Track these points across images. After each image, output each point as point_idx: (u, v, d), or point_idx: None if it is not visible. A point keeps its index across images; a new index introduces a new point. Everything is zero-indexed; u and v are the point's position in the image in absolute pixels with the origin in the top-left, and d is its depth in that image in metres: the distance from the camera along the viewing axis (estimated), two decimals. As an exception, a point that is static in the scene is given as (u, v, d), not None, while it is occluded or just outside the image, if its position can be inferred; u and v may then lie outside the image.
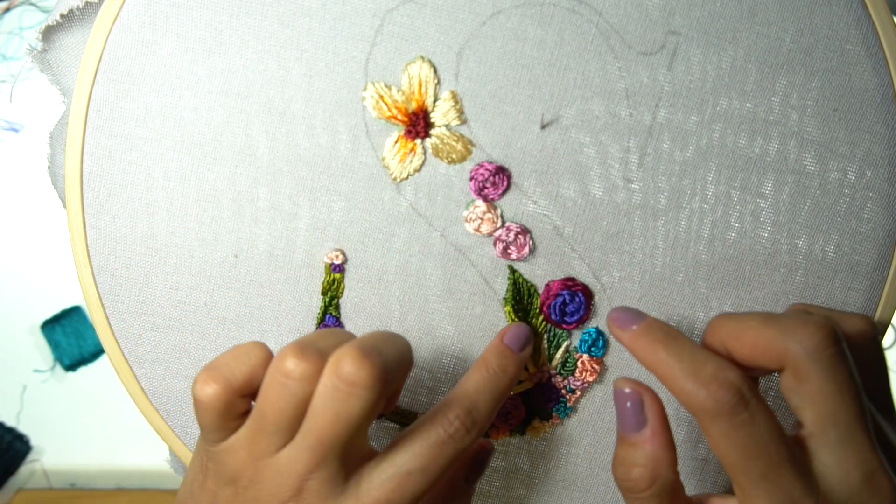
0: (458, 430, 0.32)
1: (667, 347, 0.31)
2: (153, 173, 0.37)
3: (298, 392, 0.31)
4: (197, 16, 0.36)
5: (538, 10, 0.36)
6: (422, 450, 0.32)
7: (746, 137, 0.37)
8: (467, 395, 0.34)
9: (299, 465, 0.31)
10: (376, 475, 0.32)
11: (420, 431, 0.32)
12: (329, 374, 0.30)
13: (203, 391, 0.31)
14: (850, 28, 0.36)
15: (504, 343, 0.36)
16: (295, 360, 0.31)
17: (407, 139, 0.37)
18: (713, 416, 0.30)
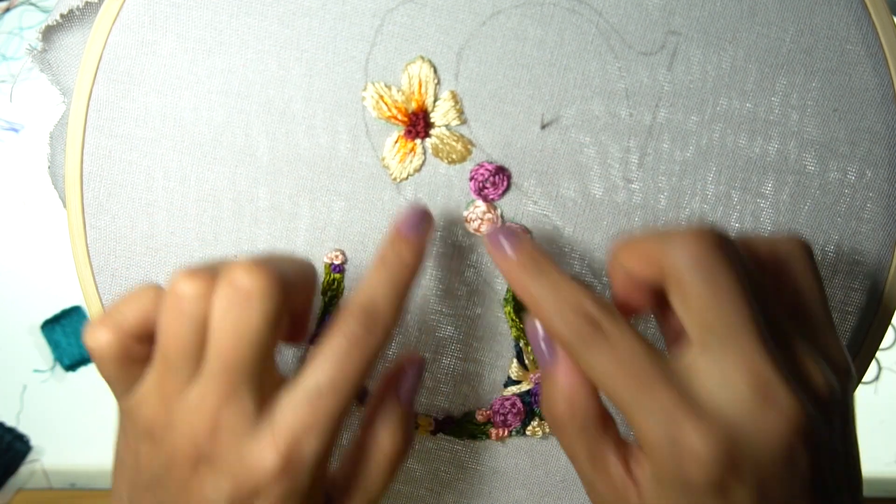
0: (357, 332, 0.30)
1: (534, 280, 0.31)
2: (153, 173, 0.37)
3: (194, 312, 0.29)
4: (197, 16, 0.36)
5: (538, 10, 0.36)
6: (327, 364, 0.30)
7: (746, 137, 0.37)
8: (364, 293, 0.31)
9: (210, 399, 0.29)
10: (286, 401, 0.30)
11: (322, 347, 0.30)
12: (223, 287, 0.29)
13: (94, 339, 0.30)
14: (850, 28, 0.36)
15: (397, 230, 0.34)
16: (186, 280, 0.29)
17: (407, 139, 0.37)
18: (574, 348, 0.29)
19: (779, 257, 0.32)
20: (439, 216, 0.38)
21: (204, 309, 0.29)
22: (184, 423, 0.30)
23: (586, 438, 0.31)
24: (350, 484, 0.33)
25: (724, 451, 0.27)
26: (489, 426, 0.40)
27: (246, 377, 0.29)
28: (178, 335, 0.29)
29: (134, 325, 0.30)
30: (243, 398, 0.29)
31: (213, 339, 0.29)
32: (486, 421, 0.40)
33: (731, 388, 0.27)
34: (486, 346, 0.39)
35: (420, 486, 0.41)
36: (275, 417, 0.30)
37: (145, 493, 0.31)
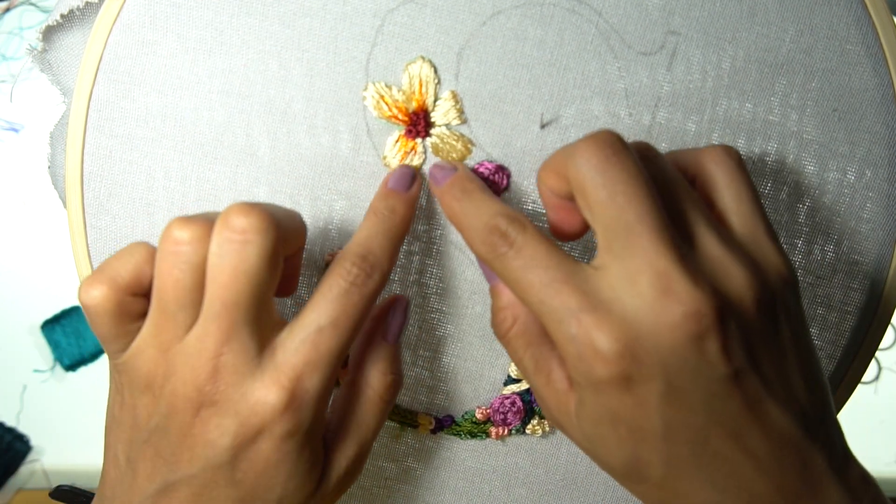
0: (358, 275, 0.31)
1: (460, 203, 0.33)
2: (154, 173, 0.37)
3: (192, 257, 0.29)
4: (197, 16, 0.36)
5: (538, 10, 0.36)
6: (327, 304, 0.31)
7: (746, 137, 0.37)
8: (360, 242, 0.33)
9: (210, 340, 0.30)
10: (289, 341, 0.30)
11: (321, 289, 0.31)
12: (219, 229, 0.29)
13: (89, 295, 0.30)
14: (850, 28, 0.36)
15: (389, 187, 0.35)
16: (182, 226, 0.30)
17: (408, 138, 0.37)
18: (488, 261, 0.31)
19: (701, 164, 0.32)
20: (439, 215, 0.38)
21: (201, 253, 0.30)
22: (184, 368, 0.30)
23: (532, 350, 0.32)
24: (343, 424, 0.34)
25: (624, 345, 0.27)
26: (489, 425, 0.40)
27: (246, 316, 0.30)
28: (175, 280, 0.30)
29: (128, 280, 0.31)
30: (244, 338, 0.30)
31: (211, 280, 0.29)
32: (485, 420, 0.40)
33: (632, 285, 0.27)
34: (485, 345, 0.39)
35: (420, 486, 0.41)
36: (276, 355, 0.30)
37: (144, 447, 0.31)
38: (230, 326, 0.30)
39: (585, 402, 0.29)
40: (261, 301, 0.30)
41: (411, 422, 0.40)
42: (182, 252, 0.29)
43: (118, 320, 0.31)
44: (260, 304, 0.30)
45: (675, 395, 0.28)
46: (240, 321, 0.30)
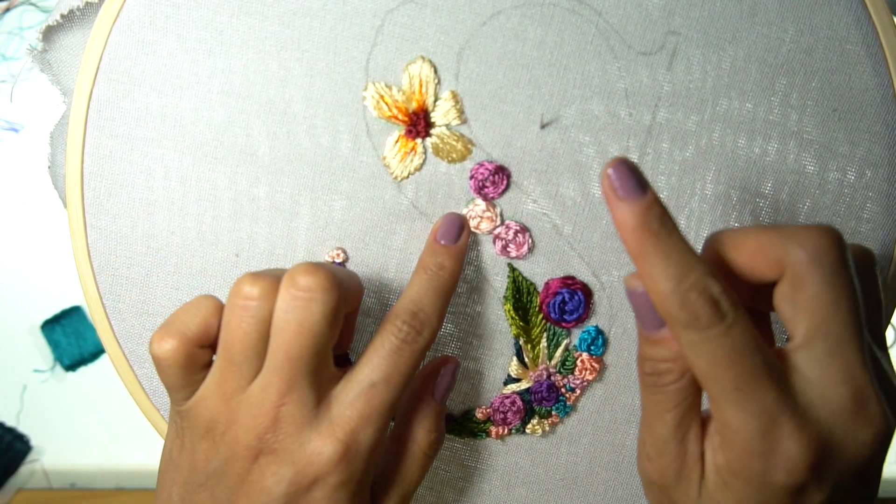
0: (409, 333, 0.33)
1: (658, 242, 0.28)
2: (154, 173, 0.37)
3: (259, 312, 0.31)
4: (197, 16, 0.36)
5: (538, 10, 0.36)
6: (380, 360, 0.32)
7: (746, 137, 0.37)
8: (411, 299, 0.34)
9: (272, 391, 0.31)
10: (344, 395, 0.32)
11: (374, 346, 0.33)
12: (286, 287, 0.31)
13: (161, 348, 0.32)
14: (850, 28, 0.36)
15: (437, 240, 0.36)
16: (251, 283, 0.31)
17: (407, 139, 0.37)
18: (683, 327, 0.28)
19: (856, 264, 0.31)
20: (439, 214, 0.38)
21: (268, 308, 0.31)
22: (247, 417, 0.32)
23: (681, 409, 0.30)
24: (389, 476, 0.35)
25: (817, 457, 0.27)
26: (489, 424, 0.40)
27: (306, 369, 0.31)
28: (243, 333, 0.31)
29: (197, 333, 0.32)
30: (304, 389, 0.31)
31: (276, 335, 0.31)
32: (486, 419, 0.40)
33: (831, 395, 0.27)
34: (485, 344, 0.39)
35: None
36: (332, 409, 0.32)
37: (200, 490, 0.33)
38: (292, 378, 0.31)
39: (730, 490, 0.29)
40: (321, 355, 0.32)
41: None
42: (250, 307, 0.31)
43: (186, 371, 0.32)
44: (320, 358, 0.32)
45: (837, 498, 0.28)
46: (301, 374, 0.31)
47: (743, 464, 0.28)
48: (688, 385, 0.30)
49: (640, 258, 0.28)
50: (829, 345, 0.28)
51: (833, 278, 0.28)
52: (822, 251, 0.28)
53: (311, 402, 0.32)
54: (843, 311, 0.28)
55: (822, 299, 0.28)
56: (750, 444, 0.28)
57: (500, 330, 0.39)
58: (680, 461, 0.30)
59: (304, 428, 0.32)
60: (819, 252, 0.28)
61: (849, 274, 0.28)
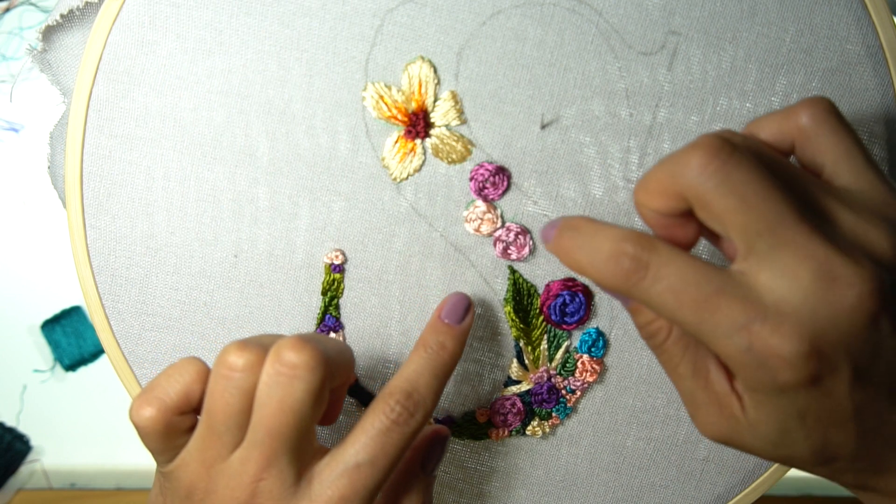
0: (401, 414, 0.32)
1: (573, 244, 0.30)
2: (153, 173, 0.37)
3: (243, 384, 0.31)
4: (197, 16, 0.36)
5: (538, 10, 0.36)
6: (368, 441, 0.32)
7: (746, 137, 0.37)
8: (407, 378, 0.33)
9: (251, 465, 0.31)
10: (327, 473, 0.31)
11: (364, 423, 0.32)
12: (271, 362, 0.31)
13: (140, 416, 0.32)
14: (850, 28, 0.36)
15: (441, 319, 0.36)
16: (237, 353, 0.31)
17: (407, 139, 0.37)
18: (627, 292, 0.28)
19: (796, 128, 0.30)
20: (439, 215, 0.38)
21: (252, 381, 0.31)
22: (225, 488, 0.31)
23: (689, 354, 0.31)
24: None
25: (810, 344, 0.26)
26: (489, 426, 0.40)
27: (287, 446, 0.31)
28: (226, 403, 0.31)
29: (177, 401, 0.32)
30: (284, 466, 0.31)
31: (258, 409, 0.31)
32: (486, 421, 0.40)
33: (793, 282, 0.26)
34: (486, 346, 0.39)
35: None
36: (313, 486, 0.31)
37: None
38: (272, 454, 0.31)
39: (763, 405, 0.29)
40: (303, 432, 0.31)
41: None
42: (235, 378, 0.31)
43: (166, 438, 0.32)
44: (302, 435, 0.31)
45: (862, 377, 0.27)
46: (281, 450, 0.31)
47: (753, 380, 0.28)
48: (681, 335, 0.31)
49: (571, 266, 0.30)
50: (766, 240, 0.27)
51: (729, 183, 0.27)
52: (707, 165, 0.27)
53: (290, 478, 0.31)
54: (758, 205, 0.27)
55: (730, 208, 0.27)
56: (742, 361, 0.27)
57: (500, 332, 0.39)
58: (716, 404, 0.30)
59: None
60: (702, 168, 0.27)
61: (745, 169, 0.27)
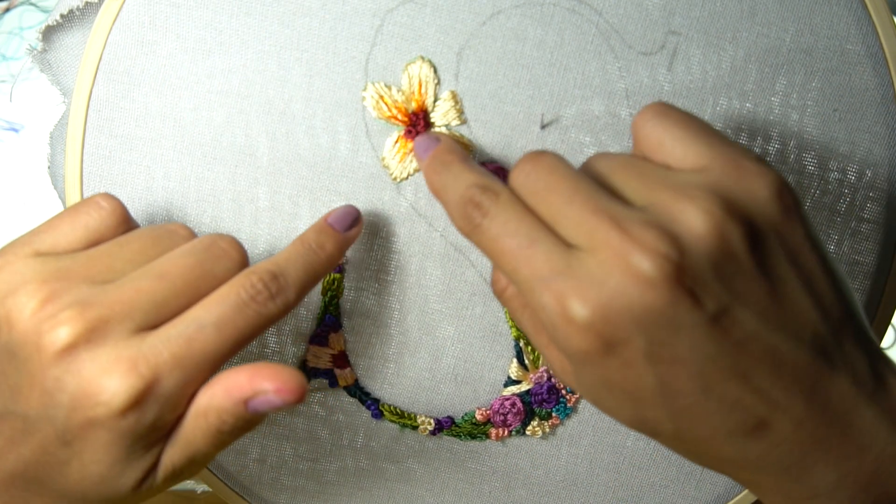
0: (261, 292, 0.30)
1: (440, 177, 0.31)
2: (153, 173, 0.37)
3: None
4: (197, 16, 0.36)
5: (538, 10, 0.36)
6: (219, 306, 0.29)
7: (746, 137, 0.37)
8: (276, 262, 0.31)
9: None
10: (166, 328, 0.29)
11: (220, 291, 0.30)
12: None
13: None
14: (850, 28, 0.36)
15: (327, 222, 0.34)
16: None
17: (407, 139, 0.37)
18: (468, 235, 0.29)
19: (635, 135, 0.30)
20: (439, 216, 0.38)
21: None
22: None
23: (529, 311, 0.32)
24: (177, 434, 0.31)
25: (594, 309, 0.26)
26: (489, 426, 0.40)
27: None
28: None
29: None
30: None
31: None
32: (485, 421, 0.40)
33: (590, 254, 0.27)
34: (485, 347, 0.39)
35: (420, 486, 0.41)
36: (146, 340, 0.28)
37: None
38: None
39: (576, 368, 0.29)
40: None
41: (411, 423, 0.40)
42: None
43: None
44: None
45: (659, 350, 0.26)
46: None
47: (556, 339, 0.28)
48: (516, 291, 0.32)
49: (437, 196, 0.32)
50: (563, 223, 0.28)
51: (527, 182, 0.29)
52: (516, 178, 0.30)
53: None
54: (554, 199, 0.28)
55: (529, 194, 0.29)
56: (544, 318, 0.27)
57: (500, 332, 0.39)
58: (558, 360, 0.31)
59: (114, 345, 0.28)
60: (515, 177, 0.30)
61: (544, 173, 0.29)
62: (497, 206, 0.29)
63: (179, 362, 0.28)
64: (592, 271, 0.26)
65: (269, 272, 0.31)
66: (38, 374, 0.28)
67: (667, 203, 0.27)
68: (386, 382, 0.40)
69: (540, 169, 0.29)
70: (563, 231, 0.28)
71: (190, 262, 0.30)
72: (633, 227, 0.26)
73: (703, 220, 0.26)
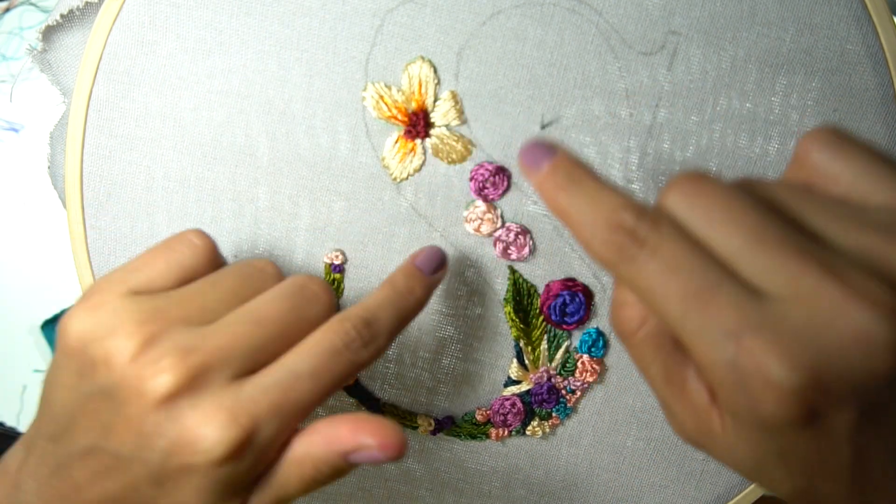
0: (355, 339, 0.30)
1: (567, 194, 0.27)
2: (153, 173, 0.37)
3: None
4: (197, 16, 0.36)
5: (538, 10, 0.36)
6: (314, 355, 0.29)
7: (746, 137, 0.37)
8: (368, 308, 0.31)
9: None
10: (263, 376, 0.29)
11: (314, 337, 0.30)
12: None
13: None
14: (850, 28, 0.36)
15: (415, 264, 0.34)
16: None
17: (407, 139, 0.37)
18: (614, 267, 0.25)
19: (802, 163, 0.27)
20: (439, 216, 0.38)
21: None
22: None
23: (663, 357, 0.27)
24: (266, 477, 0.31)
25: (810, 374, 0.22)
26: (489, 426, 0.40)
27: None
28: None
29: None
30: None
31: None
32: (486, 421, 0.40)
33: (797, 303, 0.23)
34: (486, 347, 0.39)
35: (420, 486, 0.41)
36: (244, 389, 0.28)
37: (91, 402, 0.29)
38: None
39: (743, 433, 0.25)
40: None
41: (411, 423, 0.40)
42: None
43: None
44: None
45: (870, 419, 0.23)
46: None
47: (731, 402, 0.24)
48: (658, 329, 0.27)
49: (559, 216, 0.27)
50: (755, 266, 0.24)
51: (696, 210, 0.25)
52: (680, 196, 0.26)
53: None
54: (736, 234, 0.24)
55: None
56: (724, 376, 0.23)
57: (500, 332, 0.39)
58: (693, 416, 0.27)
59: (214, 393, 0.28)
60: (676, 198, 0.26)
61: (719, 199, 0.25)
62: (659, 235, 0.25)
63: (277, 412, 0.28)
64: (801, 326, 0.22)
65: (363, 319, 0.30)
66: (137, 418, 0.28)
67: (878, 248, 0.24)
68: (386, 382, 0.40)
69: (709, 196, 0.25)
70: (749, 274, 0.24)
71: (285, 307, 0.30)
72: (851, 275, 0.23)
73: None
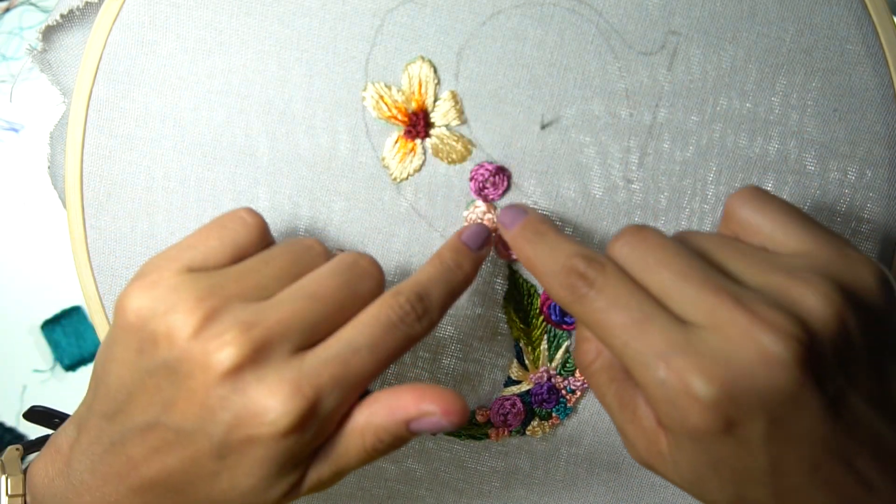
0: (409, 313, 0.31)
1: (533, 246, 0.32)
2: (153, 173, 0.37)
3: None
4: (197, 16, 0.36)
5: (538, 10, 0.36)
6: (371, 328, 0.30)
7: (746, 137, 0.37)
8: (420, 282, 0.32)
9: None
10: (323, 350, 0.30)
11: (369, 312, 0.30)
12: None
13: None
14: (850, 28, 0.36)
15: (461, 240, 0.35)
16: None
17: (407, 139, 0.37)
18: (569, 305, 0.30)
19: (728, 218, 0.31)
20: (439, 216, 0.38)
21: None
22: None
23: (616, 386, 0.31)
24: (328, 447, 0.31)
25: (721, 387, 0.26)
26: (489, 426, 0.40)
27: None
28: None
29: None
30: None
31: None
32: (486, 421, 0.40)
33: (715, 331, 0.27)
34: (486, 346, 0.39)
35: (420, 486, 0.41)
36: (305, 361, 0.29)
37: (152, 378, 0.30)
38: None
39: (681, 447, 0.28)
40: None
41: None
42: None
43: None
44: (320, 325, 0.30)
45: (779, 431, 0.27)
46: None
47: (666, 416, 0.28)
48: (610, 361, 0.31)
49: (527, 266, 0.32)
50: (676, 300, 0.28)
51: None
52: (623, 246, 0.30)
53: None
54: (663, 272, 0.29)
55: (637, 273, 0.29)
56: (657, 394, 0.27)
57: (500, 332, 0.39)
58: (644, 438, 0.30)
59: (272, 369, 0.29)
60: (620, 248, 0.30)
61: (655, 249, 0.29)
62: (604, 277, 0.29)
63: (338, 384, 0.29)
64: (716, 349, 0.26)
65: (416, 293, 0.31)
66: (201, 391, 0.29)
67: (783, 285, 0.27)
68: (386, 383, 0.40)
69: (647, 243, 0.29)
70: (677, 307, 0.28)
71: (338, 283, 0.31)
72: (758, 307, 0.27)
73: (824, 305, 0.27)
